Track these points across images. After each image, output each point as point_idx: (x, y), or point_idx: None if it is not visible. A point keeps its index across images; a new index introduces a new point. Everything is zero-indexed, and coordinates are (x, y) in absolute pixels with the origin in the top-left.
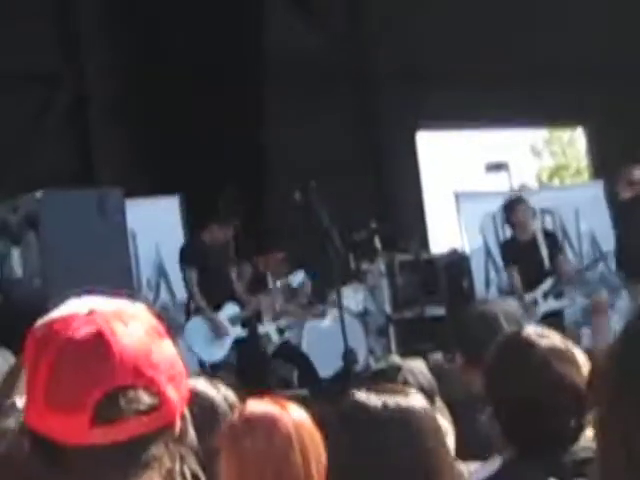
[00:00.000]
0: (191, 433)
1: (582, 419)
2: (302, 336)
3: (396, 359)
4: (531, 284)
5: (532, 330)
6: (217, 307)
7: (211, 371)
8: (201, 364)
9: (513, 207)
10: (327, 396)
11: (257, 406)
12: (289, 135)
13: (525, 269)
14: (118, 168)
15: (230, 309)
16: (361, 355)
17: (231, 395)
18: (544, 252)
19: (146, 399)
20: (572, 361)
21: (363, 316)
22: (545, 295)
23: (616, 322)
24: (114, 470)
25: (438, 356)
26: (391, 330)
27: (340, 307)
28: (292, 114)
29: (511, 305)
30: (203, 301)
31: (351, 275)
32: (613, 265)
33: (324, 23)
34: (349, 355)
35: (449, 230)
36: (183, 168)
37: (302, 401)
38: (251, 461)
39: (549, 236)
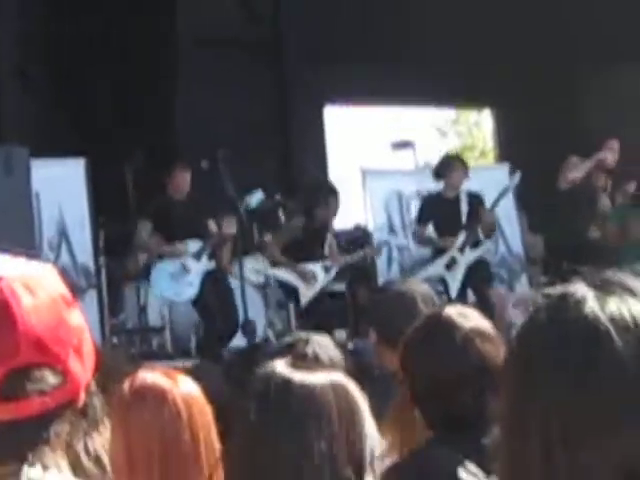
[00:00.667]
0: (96, 406)
1: None
2: None
3: (302, 334)
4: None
5: (453, 310)
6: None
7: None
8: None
9: (452, 166)
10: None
11: (147, 378)
12: (200, 105)
13: (442, 225)
14: (26, 128)
15: (193, 245)
16: (260, 327)
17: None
18: (464, 209)
19: (51, 379)
20: (494, 341)
21: (263, 288)
22: (462, 248)
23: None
24: (14, 446)
25: (342, 334)
26: (291, 304)
27: (242, 277)
28: (204, 84)
29: (426, 288)
30: (156, 242)
31: (253, 246)
32: (515, 248)
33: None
34: (248, 326)
35: (354, 206)
36: (91, 131)
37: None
38: (138, 433)
39: (474, 196)
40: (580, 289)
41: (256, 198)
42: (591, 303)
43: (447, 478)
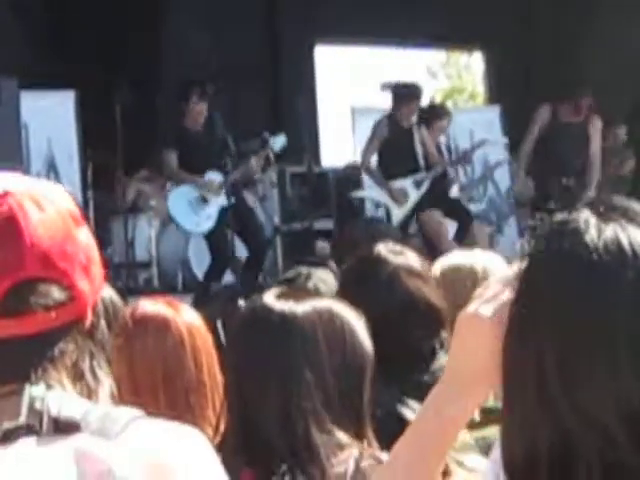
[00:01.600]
0: (103, 327)
1: (437, 337)
2: (189, 242)
3: (304, 269)
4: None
5: (384, 247)
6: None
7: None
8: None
9: (411, 96)
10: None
11: (149, 307)
12: (188, 40)
13: (397, 155)
14: (14, 59)
15: (212, 176)
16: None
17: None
18: (419, 145)
19: (56, 294)
20: (425, 278)
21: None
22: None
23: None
24: (17, 364)
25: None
26: (278, 241)
27: (229, 215)
28: (193, 19)
29: (389, 226)
30: (182, 172)
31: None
32: (504, 191)
33: None
34: (235, 263)
35: (344, 144)
36: (80, 64)
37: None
38: (142, 360)
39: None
40: (582, 216)
41: (280, 141)
42: (590, 231)
43: (387, 415)
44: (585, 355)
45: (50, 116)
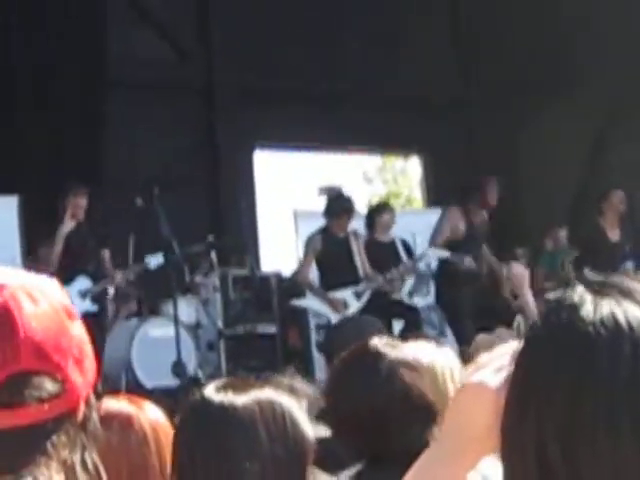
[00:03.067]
0: (95, 420)
1: (430, 430)
2: (132, 345)
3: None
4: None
5: (379, 341)
6: (70, 279)
7: None
8: None
9: (380, 211)
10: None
11: (113, 404)
12: (130, 146)
13: (335, 265)
14: None
15: (81, 283)
16: (191, 368)
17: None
18: (403, 255)
19: (50, 386)
20: (421, 372)
21: (195, 329)
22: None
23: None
24: (7, 456)
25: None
26: (221, 345)
27: (176, 319)
28: (134, 125)
29: (377, 320)
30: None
31: (185, 287)
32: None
33: (171, 35)
34: (179, 367)
35: (285, 249)
36: (23, 169)
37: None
38: (106, 458)
39: (405, 243)
40: (578, 293)
41: (155, 260)
42: (587, 307)
43: None
44: (586, 427)
45: None
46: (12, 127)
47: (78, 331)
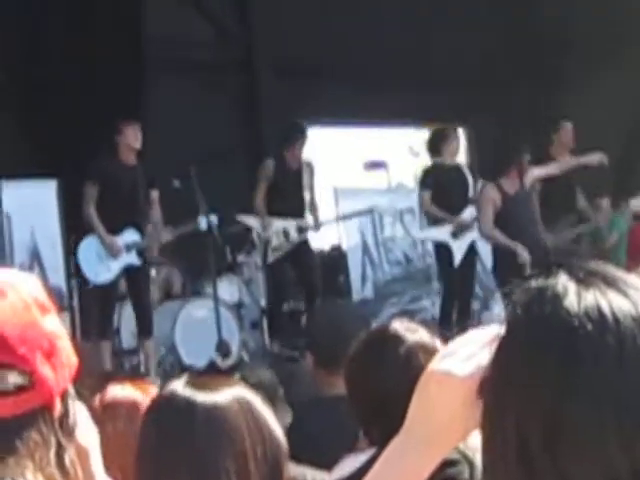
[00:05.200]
0: (74, 417)
1: None
2: (175, 327)
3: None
4: (456, 209)
5: (399, 324)
6: (120, 230)
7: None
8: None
9: (446, 135)
10: None
11: (119, 391)
12: (169, 126)
13: (450, 192)
14: None
15: (129, 235)
16: (234, 347)
17: None
18: (470, 179)
19: (14, 379)
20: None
21: (237, 308)
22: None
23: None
24: None
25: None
26: (264, 324)
27: (216, 298)
28: (175, 101)
29: (356, 307)
30: (97, 220)
31: (227, 267)
32: (489, 266)
33: (211, 14)
34: (222, 347)
35: (328, 225)
36: (62, 153)
37: None
38: (113, 443)
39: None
40: (561, 282)
41: (205, 221)
42: (570, 297)
43: None
44: (569, 421)
45: (33, 205)
46: (52, 111)
47: (51, 325)
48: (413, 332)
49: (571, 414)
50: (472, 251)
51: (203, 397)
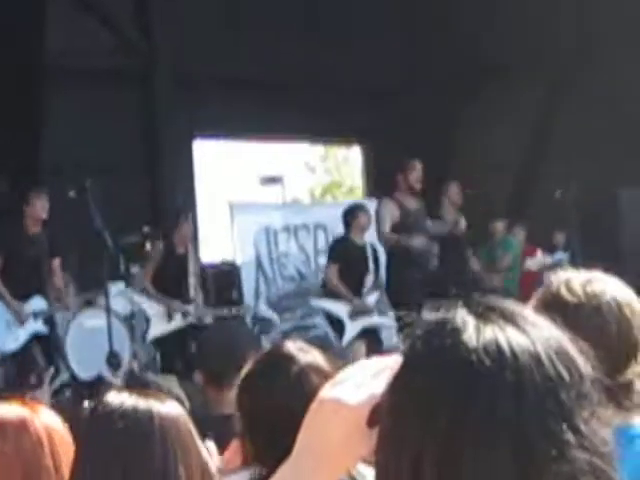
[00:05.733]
0: None
1: None
2: (67, 333)
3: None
4: (356, 287)
5: (292, 345)
6: (25, 298)
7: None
8: None
9: (355, 213)
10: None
11: (7, 409)
12: (67, 132)
13: (354, 270)
14: None
15: (36, 303)
16: (125, 359)
17: None
18: (371, 261)
19: None
20: (331, 378)
21: (129, 320)
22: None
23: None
24: None
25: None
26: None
27: (108, 308)
28: (72, 112)
29: (249, 329)
30: (2, 287)
31: (120, 277)
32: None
33: (113, 24)
34: (113, 358)
35: (222, 240)
36: None
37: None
38: (0, 462)
39: (374, 251)
40: (460, 316)
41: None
42: (469, 332)
43: None
44: (465, 458)
45: None
46: None
47: None
48: (306, 353)
49: (466, 448)
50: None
51: (158, 406)
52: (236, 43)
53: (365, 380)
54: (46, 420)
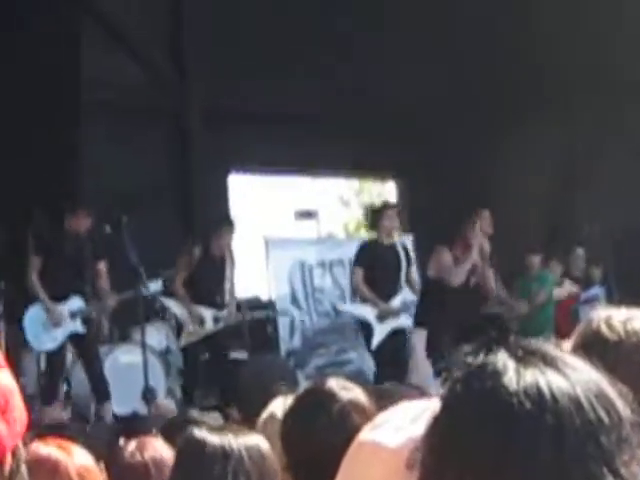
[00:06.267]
0: (23, 473)
1: None
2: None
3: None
4: (390, 287)
5: (334, 382)
6: (64, 298)
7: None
8: None
9: (382, 211)
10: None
11: (41, 449)
12: (102, 170)
13: (385, 271)
14: None
15: (74, 303)
16: (160, 394)
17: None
18: (404, 261)
19: None
20: (372, 416)
21: (164, 355)
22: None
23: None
24: None
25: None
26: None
27: (144, 344)
28: (107, 148)
29: (286, 365)
30: (40, 289)
31: (155, 312)
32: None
33: (145, 60)
34: (149, 393)
35: (257, 275)
36: None
37: None
38: None
39: (406, 250)
40: (501, 359)
41: (156, 286)
42: (510, 375)
43: None
44: None
45: None
46: None
47: (5, 381)
48: (348, 390)
49: None
50: (400, 336)
51: (215, 439)
52: (270, 77)
53: (404, 423)
54: (79, 461)
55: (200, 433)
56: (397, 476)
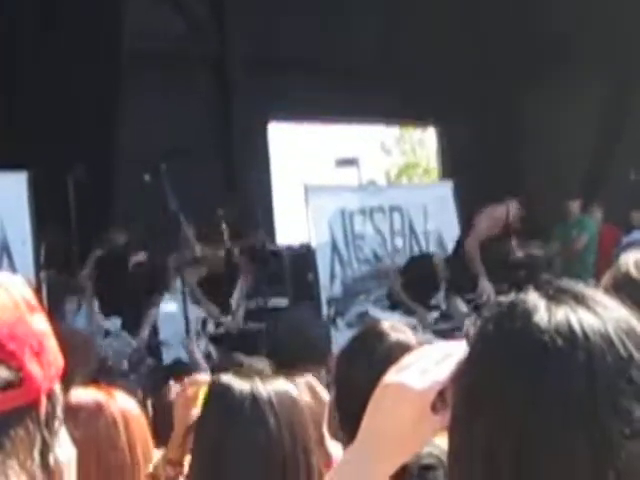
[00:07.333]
0: (60, 417)
1: None
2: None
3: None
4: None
5: (388, 324)
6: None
7: None
8: None
9: None
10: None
11: (83, 393)
12: (142, 118)
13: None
14: None
15: (112, 323)
16: (202, 343)
17: None
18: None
19: (3, 374)
20: None
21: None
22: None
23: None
24: None
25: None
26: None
27: (184, 292)
28: (147, 97)
29: (316, 310)
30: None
31: (196, 261)
32: None
33: (185, 8)
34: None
35: (297, 222)
36: (33, 144)
37: None
38: (75, 441)
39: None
40: (531, 298)
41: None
42: (541, 313)
43: None
44: (538, 438)
45: (2, 197)
46: (24, 102)
47: (39, 324)
48: (398, 332)
49: (540, 429)
50: None
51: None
52: (310, 27)
53: (429, 366)
54: (121, 404)
55: (227, 378)
56: (423, 418)
